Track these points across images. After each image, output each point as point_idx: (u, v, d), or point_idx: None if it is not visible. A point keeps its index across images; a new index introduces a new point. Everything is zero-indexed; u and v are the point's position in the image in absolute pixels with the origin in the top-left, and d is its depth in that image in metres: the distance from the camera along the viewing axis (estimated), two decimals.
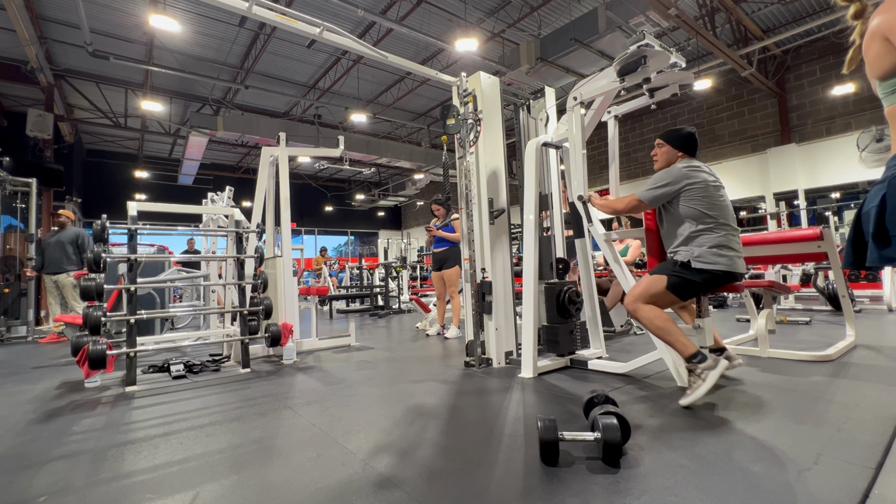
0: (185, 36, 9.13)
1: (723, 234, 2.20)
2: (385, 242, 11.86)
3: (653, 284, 2.23)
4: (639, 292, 2.26)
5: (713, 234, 2.20)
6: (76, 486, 1.50)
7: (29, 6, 7.67)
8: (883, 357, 2.94)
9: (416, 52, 10.17)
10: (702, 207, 2.22)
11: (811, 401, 2.10)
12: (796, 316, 5.12)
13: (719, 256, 2.16)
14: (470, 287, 3.16)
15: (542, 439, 1.50)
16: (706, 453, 1.56)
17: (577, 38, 7.54)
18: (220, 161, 17.60)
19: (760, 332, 3.16)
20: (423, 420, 2.05)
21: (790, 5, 8.87)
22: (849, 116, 9.87)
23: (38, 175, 7.03)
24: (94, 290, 2.80)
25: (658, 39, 2.63)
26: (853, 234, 1.08)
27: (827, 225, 8.77)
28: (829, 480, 1.33)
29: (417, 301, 6.08)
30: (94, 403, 2.55)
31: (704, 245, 2.19)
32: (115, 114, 11.97)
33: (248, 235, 4.09)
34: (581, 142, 2.96)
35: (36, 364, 3.88)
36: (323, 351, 4.14)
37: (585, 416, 1.81)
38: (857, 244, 1.07)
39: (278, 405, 2.38)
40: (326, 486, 1.43)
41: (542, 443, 1.50)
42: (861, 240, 1.05)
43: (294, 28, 2.89)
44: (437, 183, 17.22)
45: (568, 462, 1.54)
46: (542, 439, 1.50)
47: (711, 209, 2.22)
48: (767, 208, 10.66)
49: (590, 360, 2.96)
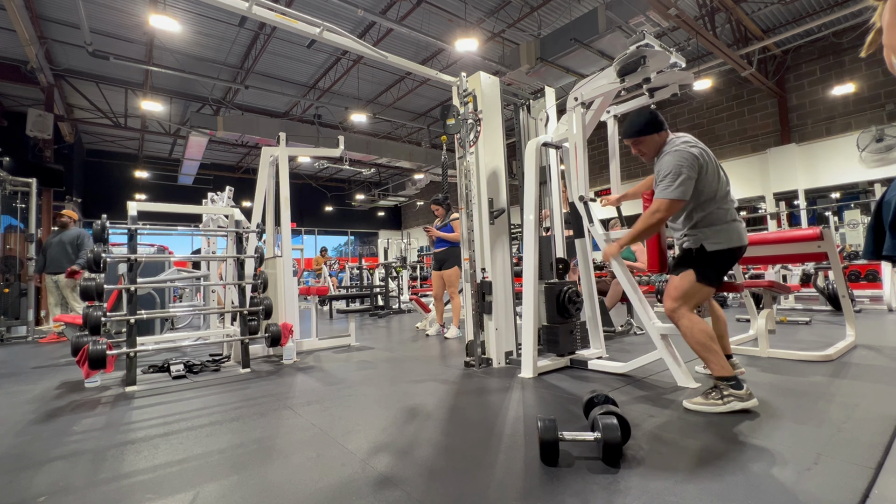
0: (185, 36, 9.13)
1: (724, 209, 2.17)
2: (385, 242, 11.87)
3: (683, 283, 2.16)
4: (676, 294, 2.16)
5: (718, 212, 2.16)
6: (76, 486, 1.50)
7: (29, 6, 7.67)
8: (883, 357, 2.94)
9: (416, 52, 10.17)
10: (705, 188, 2.16)
11: (811, 401, 2.10)
12: (796, 316, 5.12)
13: (730, 233, 2.14)
14: (470, 287, 3.16)
15: (541, 439, 1.50)
16: (706, 453, 1.56)
17: (577, 38, 7.55)
18: (220, 161, 17.60)
19: (760, 332, 3.16)
20: (423, 420, 2.05)
21: (790, 5, 8.87)
22: (849, 116, 9.86)
23: (38, 175, 7.03)
24: (94, 290, 2.80)
25: (658, 39, 2.63)
26: (874, 223, 1.07)
27: (827, 225, 8.78)
28: (829, 480, 1.33)
29: (417, 301, 6.08)
30: (94, 403, 2.55)
31: (713, 225, 2.15)
32: (115, 114, 11.97)
33: (248, 235, 4.09)
34: (581, 142, 2.97)
35: (36, 364, 3.88)
36: (323, 351, 4.14)
37: (585, 416, 1.81)
38: (878, 233, 1.06)
39: (278, 405, 2.38)
40: (326, 486, 1.43)
41: (542, 443, 1.50)
42: (881, 229, 1.04)
43: (294, 28, 2.89)
44: (437, 183, 17.21)
45: (568, 462, 1.54)
46: (542, 439, 1.50)
47: (711, 186, 2.16)
48: (767, 208, 10.67)
49: (590, 360, 2.96)
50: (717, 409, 1.97)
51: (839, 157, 9.84)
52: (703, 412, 1.98)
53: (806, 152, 10.37)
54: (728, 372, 2.02)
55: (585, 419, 1.79)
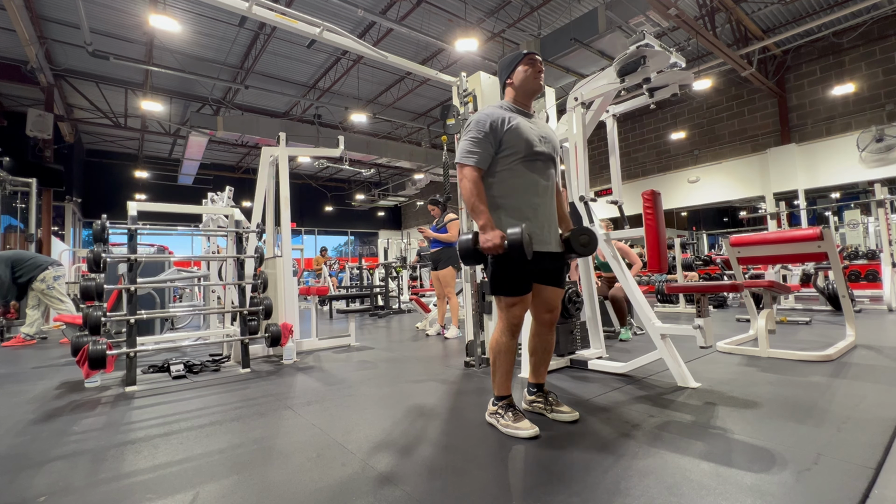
0: (185, 36, 9.14)
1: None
2: (385, 242, 11.86)
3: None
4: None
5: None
6: (76, 486, 1.50)
7: (29, 6, 7.67)
8: (883, 357, 2.94)
9: (416, 52, 10.17)
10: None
11: (811, 401, 2.09)
12: (796, 316, 5.12)
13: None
14: (470, 287, 3.16)
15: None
16: (706, 453, 1.56)
17: (577, 38, 7.55)
18: (220, 161, 17.61)
19: (760, 332, 3.16)
20: (423, 420, 2.05)
21: (790, 5, 8.87)
22: (849, 116, 9.87)
23: (38, 175, 7.05)
24: (94, 290, 2.80)
25: (658, 39, 2.63)
26: None
27: (827, 225, 8.78)
28: (829, 480, 1.33)
29: (417, 301, 6.08)
30: (93, 403, 2.55)
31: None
32: (115, 114, 11.98)
33: (248, 235, 4.09)
34: (581, 142, 2.96)
35: (35, 364, 3.88)
36: (323, 351, 4.14)
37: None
38: None
39: (278, 405, 2.38)
40: (326, 485, 1.43)
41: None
42: None
43: (294, 28, 2.89)
44: (437, 183, 17.23)
45: (568, 461, 1.54)
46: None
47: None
48: (767, 208, 10.67)
49: (590, 360, 2.96)
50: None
51: (839, 157, 9.84)
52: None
53: (806, 152, 10.38)
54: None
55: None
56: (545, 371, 2.09)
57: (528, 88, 1.97)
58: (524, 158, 1.88)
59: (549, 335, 2.02)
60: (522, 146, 1.87)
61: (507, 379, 1.93)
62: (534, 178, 1.90)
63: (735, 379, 2.55)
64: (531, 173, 1.89)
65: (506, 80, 2.02)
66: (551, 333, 2.02)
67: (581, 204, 2.94)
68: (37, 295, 5.35)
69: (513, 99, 2.00)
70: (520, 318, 1.88)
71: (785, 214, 8.21)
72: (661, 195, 2.65)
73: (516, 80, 1.97)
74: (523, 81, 1.96)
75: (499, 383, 1.93)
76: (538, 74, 1.95)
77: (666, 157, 13.10)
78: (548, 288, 1.94)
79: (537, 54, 1.97)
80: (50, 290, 5.29)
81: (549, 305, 1.96)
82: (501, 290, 1.85)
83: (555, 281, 1.95)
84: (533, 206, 1.89)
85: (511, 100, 2.01)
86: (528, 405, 2.08)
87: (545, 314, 1.97)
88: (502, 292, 1.85)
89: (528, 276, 1.86)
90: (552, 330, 2.02)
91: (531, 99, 2.03)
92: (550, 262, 1.92)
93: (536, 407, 2.04)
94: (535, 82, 1.96)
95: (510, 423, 1.82)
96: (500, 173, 1.89)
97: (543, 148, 1.92)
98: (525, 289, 1.85)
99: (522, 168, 1.88)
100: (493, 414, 1.91)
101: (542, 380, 2.08)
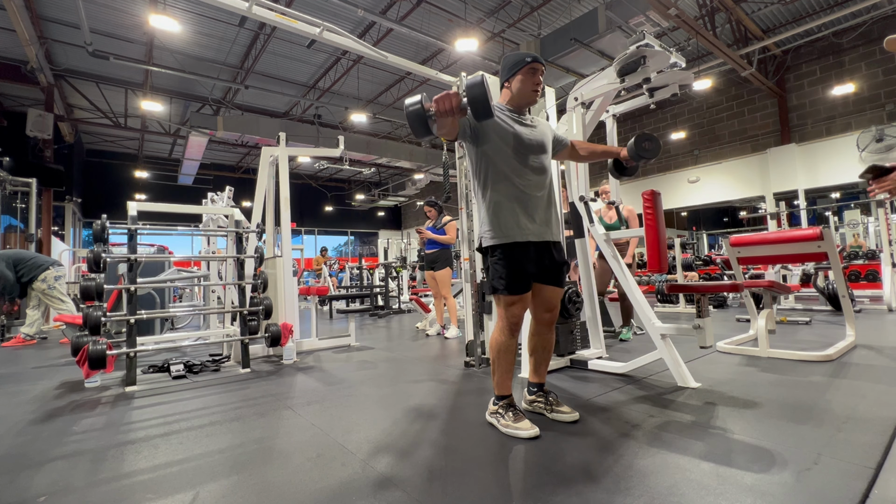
0: (185, 36, 9.14)
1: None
2: (385, 242, 11.87)
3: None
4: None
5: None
6: (76, 486, 1.50)
7: (29, 6, 7.68)
8: (883, 357, 2.94)
9: (416, 52, 10.17)
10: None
11: (811, 401, 2.09)
12: (796, 316, 5.12)
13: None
14: (470, 287, 3.16)
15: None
16: (706, 453, 1.56)
17: (577, 38, 7.55)
18: (220, 161, 17.61)
19: (760, 332, 3.16)
20: (423, 420, 2.05)
21: (790, 5, 8.87)
22: (849, 116, 9.87)
23: (38, 175, 7.05)
24: (94, 290, 2.80)
25: (658, 39, 2.63)
26: None
27: (827, 225, 8.78)
28: (829, 480, 1.33)
29: (417, 301, 6.08)
30: (94, 403, 2.55)
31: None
32: (115, 114, 11.98)
33: (248, 235, 4.09)
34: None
35: (36, 364, 3.88)
36: (323, 351, 4.14)
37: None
38: None
39: (278, 405, 2.38)
40: (326, 486, 1.43)
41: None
42: None
43: (294, 28, 2.89)
44: (437, 183, 17.22)
45: (568, 461, 1.54)
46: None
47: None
48: (767, 208, 10.67)
49: (590, 360, 2.96)
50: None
51: (839, 157, 9.84)
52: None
53: (806, 152, 10.38)
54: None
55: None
56: (545, 371, 2.09)
57: (523, 100, 1.97)
58: (514, 150, 1.89)
59: (548, 334, 2.02)
60: (510, 138, 1.89)
61: (508, 378, 1.93)
62: (525, 170, 1.91)
63: (735, 379, 2.55)
64: (523, 166, 1.90)
65: (504, 82, 2.02)
66: (551, 333, 2.02)
67: (580, 204, 2.95)
68: (37, 295, 5.34)
69: (507, 101, 2.01)
70: (519, 318, 1.88)
71: (785, 214, 8.22)
72: (661, 195, 2.65)
73: (513, 88, 1.97)
74: (519, 91, 1.95)
75: (499, 383, 1.93)
76: (536, 87, 1.94)
77: (666, 157, 13.10)
78: (547, 287, 1.94)
79: (541, 61, 1.95)
80: (51, 290, 5.29)
81: (549, 305, 1.96)
82: (500, 289, 1.85)
83: (554, 280, 1.95)
84: (528, 196, 1.89)
85: (506, 102, 2.01)
86: (528, 405, 2.08)
87: (544, 314, 1.98)
88: (501, 291, 1.85)
89: (528, 275, 1.86)
90: (551, 329, 2.02)
91: (525, 108, 2.02)
92: (550, 259, 1.93)
93: (537, 407, 2.04)
94: (532, 95, 1.95)
95: (510, 423, 1.82)
96: (492, 168, 1.90)
97: (532, 137, 1.94)
98: (524, 288, 1.85)
99: (515, 162, 1.89)
100: (494, 414, 1.92)
101: (543, 379, 2.08)
